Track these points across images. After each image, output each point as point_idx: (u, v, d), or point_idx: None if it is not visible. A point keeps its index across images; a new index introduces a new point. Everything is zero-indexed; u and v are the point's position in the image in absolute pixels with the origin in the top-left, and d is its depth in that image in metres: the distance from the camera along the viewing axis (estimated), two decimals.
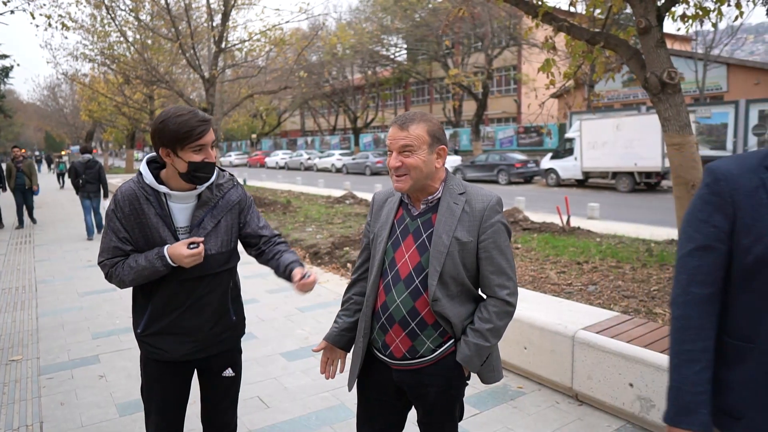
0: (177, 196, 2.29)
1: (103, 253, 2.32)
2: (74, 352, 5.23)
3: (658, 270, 6.44)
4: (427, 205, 2.17)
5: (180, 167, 2.22)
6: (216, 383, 2.55)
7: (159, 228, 2.27)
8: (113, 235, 2.28)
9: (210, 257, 2.33)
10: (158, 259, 2.22)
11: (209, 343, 2.44)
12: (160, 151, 2.22)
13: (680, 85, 5.18)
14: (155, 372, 2.45)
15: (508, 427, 3.66)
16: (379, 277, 2.20)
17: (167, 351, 2.38)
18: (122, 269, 2.28)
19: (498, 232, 2.11)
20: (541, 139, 33.50)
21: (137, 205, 2.25)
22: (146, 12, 17.09)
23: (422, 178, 2.10)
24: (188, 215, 2.33)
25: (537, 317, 4.29)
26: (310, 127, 62.20)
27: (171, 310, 2.35)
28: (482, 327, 2.10)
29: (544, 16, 5.88)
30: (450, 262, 2.06)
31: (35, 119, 62.66)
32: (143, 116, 25.04)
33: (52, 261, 9.58)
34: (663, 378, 3.39)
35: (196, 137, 2.17)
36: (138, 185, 2.28)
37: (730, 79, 27.71)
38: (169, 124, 2.16)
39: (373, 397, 2.32)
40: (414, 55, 42.33)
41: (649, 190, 20.80)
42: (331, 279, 7.77)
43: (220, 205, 2.39)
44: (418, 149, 2.06)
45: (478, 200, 2.12)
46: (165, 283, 2.32)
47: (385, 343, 2.18)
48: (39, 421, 3.89)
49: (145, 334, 2.39)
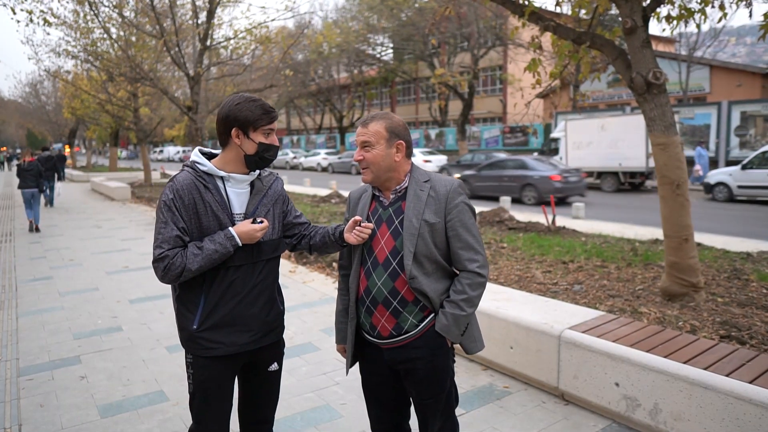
0: (236, 179, 2.38)
1: (164, 244, 2.24)
2: (55, 352, 5.14)
3: (643, 269, 6.48)
4: (396, 195, 2.42)
5: (249, 149, 2.33)
6: (263, 379, 2.57)
7: (218, 214, 2.32)
8: (173, 224, 2.26)
9: (263, 243, 2.43)
10: (228, 240, 2.28)
11: (264, 331, 2.47)
12: (232, 132, 2.31)
13: (665, 86, 5.21)
14: (214, 372, 2.39)
15: (494, 426, 3.65)
16: (360, 265, 2.44)
17: (225, 344, 2.36)
18: (185, 258, 2.24)
19: (462, 212, 2.36)
20: (526, 138, 33.65)
21: (197, 194, 2.30)
22: (130, 8, 16.93)
23: (382, 170, 2.36)
24: (243, 202, 2.41)
25: (523, 317, 4.28)
26: (295, 126, 61.96)
27: (228, 300, 2.35)
28: (456, 298, 2.32)
29: (530, 15, 5.88)
30: (422, 243, 2.30)
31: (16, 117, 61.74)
32: (127, 114, 24.79)
33: (33, 260, 9.44)
34: (649, 377, 3.40)
35: (270, 120, 2.35)
36: (194, 174, 2.33)
37: (713, 81, 28.00)
38: (246, 107, 2.30)
39: (372, 379, 2.55)
40: (400, 55, 42.31)
41: (633, 190, 20.96)
42: (316, 278, 7.73)
43: (269, 194, 2.50)
44: (376, 144, 2.33)
45: (442, 185, 2.37)
46: (221, 272, 2.34)
47: (372, 324, 2.40)
48: (18, 423, 3.82)
49: (201, 329, 2.34)
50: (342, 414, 3.87)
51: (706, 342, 3.76)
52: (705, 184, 17.65)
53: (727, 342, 4.10)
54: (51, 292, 7.28)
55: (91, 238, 11.77)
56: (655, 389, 3.37)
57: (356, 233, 2.41)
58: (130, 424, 3.78)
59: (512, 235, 9.06)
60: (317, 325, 5.78)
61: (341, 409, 3.94)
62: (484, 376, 4.41)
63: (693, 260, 5.20)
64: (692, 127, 23.87)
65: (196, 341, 2.35)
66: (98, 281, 7.84)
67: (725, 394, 3.06)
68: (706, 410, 3.14)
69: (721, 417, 3.07)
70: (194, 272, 2.25)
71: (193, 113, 16.40)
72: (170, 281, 2.28)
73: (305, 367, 4.68)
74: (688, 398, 3.22)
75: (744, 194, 16.57)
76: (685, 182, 5.19)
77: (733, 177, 16.76)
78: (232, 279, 2.35)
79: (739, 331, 4.31)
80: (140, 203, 18.66)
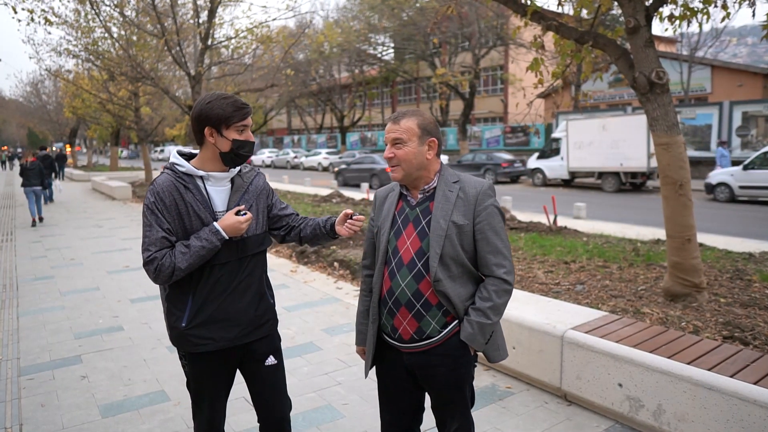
0: (215, 177, 2.39)
1: (151, 246, 2.28)
2: (55, 352, 5.13)
3: (645, 270, 6.46)
4: (424, 195, 2.34)
5: (223, 146, 2.34)
6: (263, 374, 2.59)
7: (200, 213, 2.34)
8: (157, 226, 2.29)
9: (247, 239, 2.44)
10: (213, 234, 2.29)
11: (254, 325, 2.49)
12: (205, 131, 2.32)
13: (668, 85, 5.19)
14: (203, 365, 2.46)
15: (497, 427, 3.63)
16: (384, 265, 2.36)
17: (215, 339, 2.40)
18: (174, 258, 2.27)
19: (492, 215, 2.28)
20: (527, 138, 33.61)
21: (177, 195, 2.32)
22: (131, 8, 16.91)
23: (413, 168, 2.28)
24: (224, 199, 2.43)
25: (525, 317, 4.27)
26: (296, 126, 61.95)
27: (215, 297, 2.38)
28: (483, 305, 2.23)
29: (532, 15, 5.86)
30: (449, 244, 2.22)
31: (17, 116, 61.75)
32: (128, 113, 24.76)
33: (33, 259, 9.43)
34: (652, 378, 3.38)
35: (242, 117, 2.33)
36: (174, 176, 2.35)
37: (714, 81, 27.95)
38: (217, 105, 2.30)
39: (389, 382, 2.48)
40: (401, 54, 42.27)
41: (634, 190, 20.94)
42: (317, 278, 7.71)
43: (250, 190, 2.51)
44: (408, 141, 2.26)
45: (471, 186, 2.30)
46: (207, 270, 2.36)
47: (394, 326, 2.33)
48: (19, 423, 3.80)
49: (190, 326, 2.38)
50: (344, 414, 3.86)
51: (709, 343, 3.75)
52: (707, 184, 17.63)
53: (731, 343, 4.08)
54: (52, 292, 7.27)
55: (92, 237, 11.76)
56: (659, 390, 3.35)
57: (348, 226, 2.40)
58: (131, 424, 3.76)
59: (514, 235, 9.05)
60: (318, 324, 5.76)
61: (343, 410, 3.93)
62: (486, 377, 4.40)
63: (696, 260, 5.18)
64: (693, 128, 23.84)
65: (186, 338, 2.40)
66: (99, 280, 7.83)
67: (730, 395, 3.04)
68: (710, 411, 3.12)
69: (725, 418, 3.06)
70: (184, 270, 2.28)
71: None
72: (163, 282, 2.31)
73: (307, 367, 4.66)
74: (692, 399, 3.20)
75: (745, 194, 16.54)
76: (687, 182, 5.17)
77: (734, 177, 16.72)
78: (219, 276, 2.38)
79: (743, 331, 4.29)
80: (141, 203, 18.59)
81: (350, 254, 8.03)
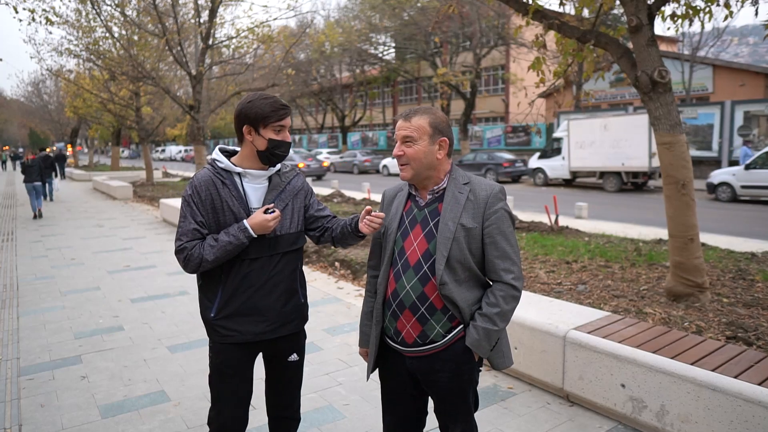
0: (252, 175, 2.47)
1: (183, 236, 2.39)
2: (56, 352, 5.12)
3: (647, 269, 6.44)
4: (433, 196, 2.29)
5: (260, 145, 2.42)
6: (283, 367, 2.65)
7: (233, 209, 2.41)
8: (191, 218, 2.40)
9: (280, 237, 2.49)
10: (241, 232, 2.36)
11: (281, 322, 2.53)
12: (243, 129, 2.41)
13: (671, 84, 5.17)
14: (230, 357, 2.50)
15: (499, 428, 3.61)
16: (389, 266, 2.32)
17: (241, 332, 2.46)
18: (202, 249, 2.36)
19: (501, 219, 2.23)
20: (528, 138, 33.56)
21: (213, 190, 2.41)
22: (132, 7, 16.92)
23: (423, 168, 2.23)
24: (260, 197, 2.49)
25: (527, 317, 4.24)
26: (297, 126, 61.88)
27: (244, 290, 2.44)
28: (490, 311, 2.18)
29: (534, 14, 5.84)
30: (456, 247, 2.17)
31: (19, 116, 61.81)
32: (129, 113, 24.79)
33: (34, 259, 9.42)
34: (656, 378, 3.36)
35: (279, 117, 2.41)
36: (213, 171, 2.45)
37: (716, 81, 27.90)
38: (257, 104, 2.39)
39: (392, 386, 2.44)
40: (402, 54, 42.23)
41: (636, 189, 20.91)
42: (318, 278, 7.70)
43: (287, 190, 2.57)
44: (418, 140, 2.20)
45: (482, 189, 2.25)
46: (237, 263, 2.43)
47: (397, 329, 2.28)
48: (18, 423, 3.79)
49: (218, 317, 2.46)
50: (345, 415, 3.84)
51: (712, 343, 3.72)
52: (708, 184, 17.60)
53: (734, 343, 4.06)
54: (52, 291, 7.26)
55: (92, 237, 11.75)
56: (662, 391, 3.33)
57: (367, 222, 2.39)
58: (132, 425, 3.74)
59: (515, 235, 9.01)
60: (320, 324, 5.74)
61: (344, 410, 3.91)
62: (488, 377, 4.38)
63: (698, 260, 5.16)
64: (695, 127, 23.79)
65: (214, 329, 2.48)
66: (99, 280, 7.82)
67: (734, 396, 3.02)
68: (714, 412, 3.10)
69: (729, 419, 3.04)
70: (211, 263, 2.36)
71: (195, 112, 16.39)
72: (192, 271, 2.41)
73: (308, 368, 4.64)
74: (695, 400, 3.18)
75: (747, 194, 16.50)
76: (690, 181, 5.14)
77: (736, 177, 16.69)
78: (248, 271, 2.44)
79: (746, 332, 4.26)
80: (142, 202, 18.64)
81: (351, 254, 8.01)
